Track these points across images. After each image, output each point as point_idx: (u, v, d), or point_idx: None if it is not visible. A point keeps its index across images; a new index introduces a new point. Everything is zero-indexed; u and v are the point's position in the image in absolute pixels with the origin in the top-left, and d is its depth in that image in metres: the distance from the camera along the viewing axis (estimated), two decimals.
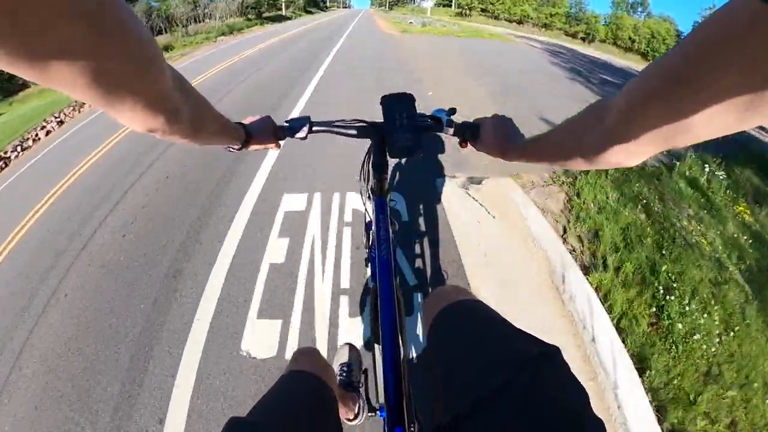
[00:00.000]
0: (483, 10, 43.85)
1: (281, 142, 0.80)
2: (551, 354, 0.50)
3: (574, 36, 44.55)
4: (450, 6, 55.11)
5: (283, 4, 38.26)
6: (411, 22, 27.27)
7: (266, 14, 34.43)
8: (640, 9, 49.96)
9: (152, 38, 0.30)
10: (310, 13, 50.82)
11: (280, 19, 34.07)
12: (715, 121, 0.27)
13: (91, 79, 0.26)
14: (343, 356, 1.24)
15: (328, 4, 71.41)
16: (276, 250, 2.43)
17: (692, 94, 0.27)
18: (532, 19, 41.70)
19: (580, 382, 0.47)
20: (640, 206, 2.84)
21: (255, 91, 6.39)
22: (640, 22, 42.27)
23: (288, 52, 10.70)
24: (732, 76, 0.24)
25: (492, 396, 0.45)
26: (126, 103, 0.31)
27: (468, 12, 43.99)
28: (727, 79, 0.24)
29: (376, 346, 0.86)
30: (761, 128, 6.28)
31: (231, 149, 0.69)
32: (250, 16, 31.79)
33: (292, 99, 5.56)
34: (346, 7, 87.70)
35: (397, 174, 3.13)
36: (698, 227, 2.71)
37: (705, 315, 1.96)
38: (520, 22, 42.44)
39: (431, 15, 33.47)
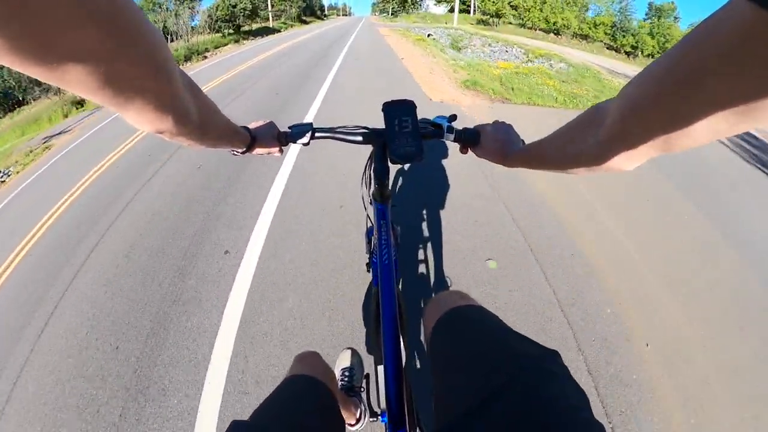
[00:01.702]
0: (514, 17, 36.32)
1: (284, 148, 0.80)
2: (550, 357, 0.51)
3: (617, 50, 37.45)
4: (468, 12, 47.71)
5: (270, 14, 30.94)
6: (430, 35, 20.28)
7: (247, 27, 27.14)
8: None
9: (163, 41, 0.30)
10: (305, 22, 43.65)
11: (266, 32, 26.93)
12: (712, 126, 0.27)
13: (103, 81, 0.26)
14: (344, 360, 1.23)
15: (326, 12, 64.13)
16: None
17: (689, 100, 0.27)
18: (573, 29, 34.39)
19: (579, 385, 0.47)
20: None
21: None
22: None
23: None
24: (729, 82, 0.23)
25: (492, 398, 0.45)
26: (136, 104, 0.31)
27: (495, 21, 36.44)
28: (724, 85, 0.24)
29: (377, 350, 0.85)
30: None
31: (235, 152, 0.70)
32: (226, 32, 24.58)
33: None
34: (346, 15, 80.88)
35: None
36: None
37: None
38: (557, 33, 35.24)
39: (457, 25, 25.84)
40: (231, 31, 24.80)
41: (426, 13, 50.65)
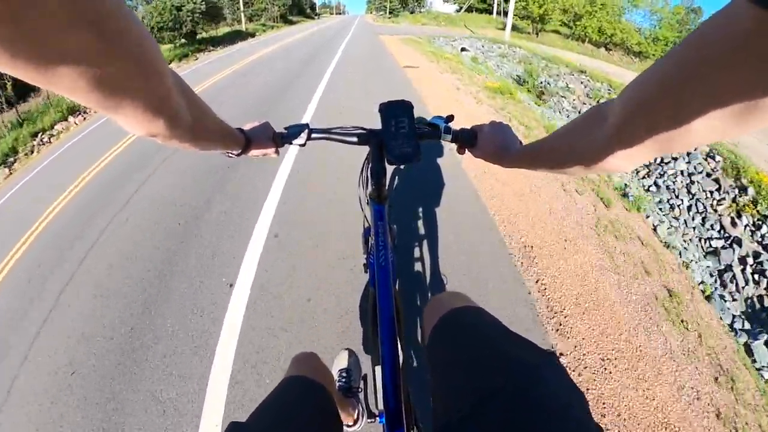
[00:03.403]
0: (563, 24, 28.68)
1: (280, 150, 0.80)
2: (544, 359, 0.51)
3: None
4: (489, 12, 40.12)
5: (243, 14, 22.91)
6: (465, 50, 13.16)
7: (207, 33, 19.23)
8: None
9: (154, 41, 0.30)
10: (291, 23, 35.55)
11: (234, 38, 19.17)
12: (711, 127, 0.27)
13: (94, 83, 0.25)
14: (342, 362, 1.23)
15: (318, 10, 55.86)
16: None
17: (693, 96, 0.27)
18: (632, 44, 27.50)
19: (577, 386, 0.47)
20: None
21: None
22: None
23: None
24: (731, 78, 0.24)
25: (486, 401, 0.45)
26: (127, 107, 0.31)
27: (537, 28, 28.98)
28: (727, 82, 0.24)
29: (374, 351, 0.87)
30: None
31: (230, 155, 0.69)
32: (177, 42, 16.73)
33: None
34: (339, 14, 72.61)
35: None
36: None
37: None
38: (608, 48, 28.41)
39: (510, 39, 18.37)
40: (183, 41, 16.92)
41: (437, 13, 42.49)
